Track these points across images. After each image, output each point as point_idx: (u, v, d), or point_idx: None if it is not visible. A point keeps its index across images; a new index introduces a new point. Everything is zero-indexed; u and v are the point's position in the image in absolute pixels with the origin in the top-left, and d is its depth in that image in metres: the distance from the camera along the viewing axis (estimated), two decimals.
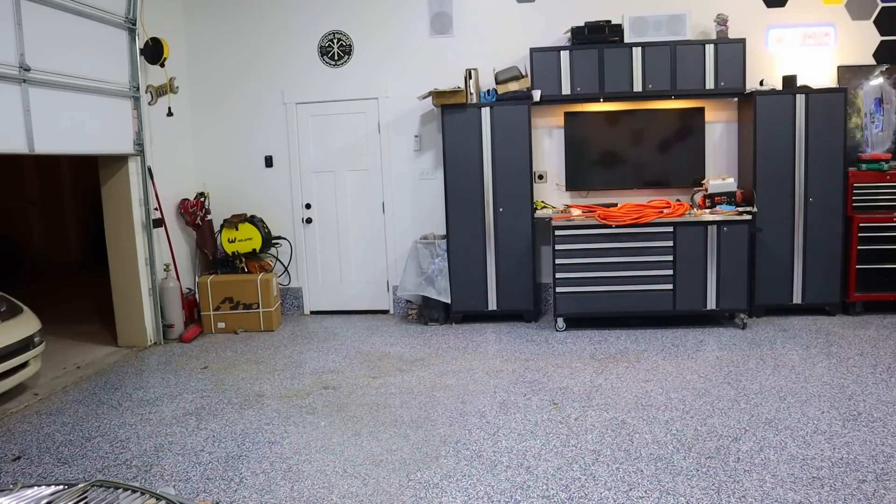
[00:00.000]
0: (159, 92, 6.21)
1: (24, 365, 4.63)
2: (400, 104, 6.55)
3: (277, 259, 6.85)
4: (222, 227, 6.58)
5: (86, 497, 1.65)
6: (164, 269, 6.07)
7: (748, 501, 2.95)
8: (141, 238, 5.86)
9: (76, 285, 8.89)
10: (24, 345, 4.64)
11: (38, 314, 4.98)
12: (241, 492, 3.25)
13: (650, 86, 5.90)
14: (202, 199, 6.55)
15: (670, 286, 5.70)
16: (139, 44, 5.78)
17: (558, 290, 5.77)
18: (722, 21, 5.93)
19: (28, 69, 4.58)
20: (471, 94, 5.97)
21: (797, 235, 5.86)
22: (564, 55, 5.92)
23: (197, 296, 6.40)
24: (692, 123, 6.16)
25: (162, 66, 6.02)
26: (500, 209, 6.02)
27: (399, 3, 6.48)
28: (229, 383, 4.84)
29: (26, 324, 4.77)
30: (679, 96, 5.96)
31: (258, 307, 6.28)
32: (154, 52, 5.90)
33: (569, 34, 6.07)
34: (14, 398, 4.65)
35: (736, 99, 6.18)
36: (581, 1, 6.25)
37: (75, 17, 5.10)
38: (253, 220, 6.57)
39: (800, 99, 5.74)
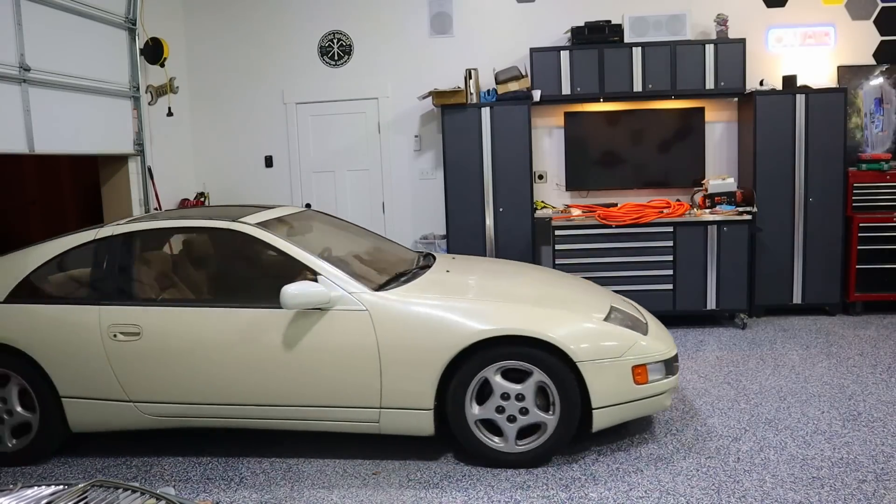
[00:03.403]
0: (159, 92, 6.21)
1: None
2: (400, 104, 6.55)
3: None
4: None
5: (86, 497, 1.66)
6: None
7: (748, 501, 2.95)
8: None
9: None
10: None
11: None
12: (241, 492, 3.25)
13: (650, 86, 5.90)
14: (202, 199, 6.55)
15: (670, 286, 5.70)
16: (139, 44, 5.78)
17: None
18: (722, 21, 5.93)
19: (28, 69, 4.58)
20: (471, 94, 5.97)
21: (797, 235, 5.85)
22: (564, 55, 5.92)
23: None
24: (692, 123, 6.16)
25: (162, 66, 6.02)
26: (500, 209, 6.01)
27: (399, 3, 6.48)
28: None
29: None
30: (679, 96, 5.96)
31: None
32: (154, 52, 5.90)
33: (569, 34, 6.07)
34: None
35: (736, 99, 6.18)
36: (581, 1, 6.25)
37: (75, 17, 5.10)
38: None
39: (800, 99, 5.74)
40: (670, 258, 5.68)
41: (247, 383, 3.42)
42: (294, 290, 3.23)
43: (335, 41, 6.59)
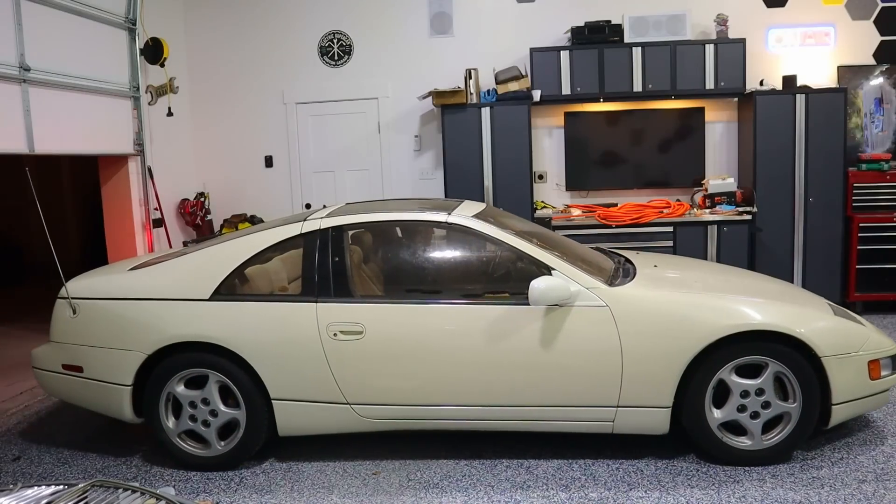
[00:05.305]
0: (159, 92, 6.22)
1: None
2: (400, 104, 6.56)
3: None
4: (222, 226, 6.58)
5: (86, 497, 1.66)
6: None
7: (748, 501, 2.95)
8: (141, 238, 5.86)
9: None
10: None
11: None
12: (241, 492, 3.25)
13: (650, 86, 5.90)
14: (202, 199, 6.55)
15: None
16: (139, 44, 5.79)
17: None
18: (722, 21, 5.93)
19: (28, 69, 4.58)
20: (471, 94, 5.97)
21: (797, 235, 5.85)
22: (564, 55, 5.92)
23: None
24: (692, 123, 6.16)
25: (162, 66, 6.02)
26: (501, 209, 6.01)
27: (399, 3, 6.48)
28: None
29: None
30: (679, 96, 5.96)
31: None
32: (154, 52, 5.90)
33: (569, 34, 6.07)
34: (13, 398, 4.65)
35: (736, 99, 6.18)
36: (581, 1, 6.25)
37: (75, 17, 5.10)
38: (253, 221, 6.57)
39: (800, 99, 5.74)
40: None
41: (482, 384, 3.27)
42: (543, 286, 3.11)
43: (335, 41, 6.59)
